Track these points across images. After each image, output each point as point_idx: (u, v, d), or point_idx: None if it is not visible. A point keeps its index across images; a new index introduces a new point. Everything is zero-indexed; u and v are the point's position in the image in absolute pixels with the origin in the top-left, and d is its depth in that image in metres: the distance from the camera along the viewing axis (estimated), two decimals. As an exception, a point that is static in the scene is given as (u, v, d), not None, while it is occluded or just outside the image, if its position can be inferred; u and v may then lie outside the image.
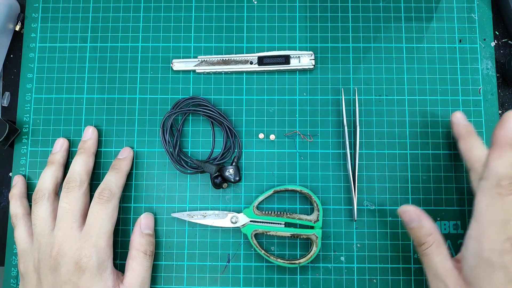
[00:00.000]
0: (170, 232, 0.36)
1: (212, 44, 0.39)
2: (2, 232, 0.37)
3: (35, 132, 0.38)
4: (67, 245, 0.31)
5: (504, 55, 0.38)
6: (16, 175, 0.37)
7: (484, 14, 0.39)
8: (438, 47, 0.38)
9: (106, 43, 0.39)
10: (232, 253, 0.36)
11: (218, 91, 0.38)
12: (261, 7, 0.39)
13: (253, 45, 0.39)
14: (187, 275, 0.36)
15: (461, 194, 0.36)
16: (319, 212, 0.35)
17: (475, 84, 0.38)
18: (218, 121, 0.37)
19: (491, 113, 0.37)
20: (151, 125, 0.38)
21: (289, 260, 0.34)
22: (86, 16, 0.39)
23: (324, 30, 0.39)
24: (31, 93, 0.38)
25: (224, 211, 0.36)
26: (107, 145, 0.37)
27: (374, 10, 0.39)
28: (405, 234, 0.36)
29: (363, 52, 0.38)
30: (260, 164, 0.37)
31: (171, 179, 0.37)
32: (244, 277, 0.35)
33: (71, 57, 0.39)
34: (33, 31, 0.39)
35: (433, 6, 0.39)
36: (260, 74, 0.38)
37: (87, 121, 0.38)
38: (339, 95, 0.37)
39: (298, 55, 0.38)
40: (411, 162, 0.36)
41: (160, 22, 0.39)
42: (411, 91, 0.38)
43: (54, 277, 0.31)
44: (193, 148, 0.37)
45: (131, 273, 0.33)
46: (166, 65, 0.39)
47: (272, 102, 0.38)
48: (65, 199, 0.33)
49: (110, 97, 0.38)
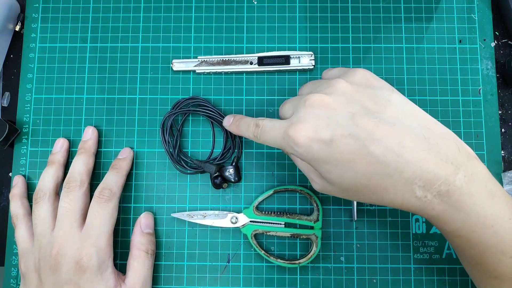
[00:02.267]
0: (170, 232, 0.36)
1: (212, 44, 0.39)
2: (2, 232, 0.37)
3: (35, 132, 0.38)
4: (68, 245, 0.31)
5: (504, 56, 0.38)
6: (16, 175, 0.37)
7: (484, 14, 0.39)
8: (438, 48, 0.38)
9: (106, 43, 0.39)
10: (232, 253, 0.36)
11: (218, 91, 0.38)
12: (261, 7, 0.39)
13: (253, 45, 0.39)
14: (187, 275, 0.36)
15: (461, 194, 0.36)
16: (319, 212, 0.35)
17: (475, 84, 0.38)
18: (218, 121, 0.37)
19: (491, 113, 0.37)
20: (151, 125, 0.38)
21: (289, 260, 0.34)
22: (86, 16, 0.39)
23: (324, 31, 0.39)
24: (31, 93, 0.38)
25: (224, 211, 0.36)
26: (107, 145, 0.37)
27: (374, 11, 0.39)
28: (404, 234, 0.36)
29: (363, 53, 0.38)
30: (260, 164, 0.37)
31: (171, 179, 0.37)
32: (244, 277, 0.35)
33: (71, 57, 0.39)
34: (33, 31, 0.39)
35: (433, 6, 0.39)
36: (260, 74, 0.38)
37: (87, 121, 0.38)
38: (339, 95, 0.37)
39: (298, 55, 0.38)
40: (411, 162, 0.36)
41: (160, 23, 0.39)
42: (411, 91, 0.38)
43: (54, 277, 0.31)
44: (193, 148, 0.37)
45: (133, 272, 0.33)
46: (166, 65, 0.39)
47: (272, 102, 0.38)
48: (65, 199, 0.33)
49: (110, 97, 0.38)
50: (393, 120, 0.25)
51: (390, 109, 0.25)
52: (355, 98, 0.26)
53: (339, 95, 0.26)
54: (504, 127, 0.38)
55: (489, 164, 0.36)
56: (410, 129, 0.25)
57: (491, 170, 0.36)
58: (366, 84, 0.27)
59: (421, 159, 0.24)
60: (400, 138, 0.24)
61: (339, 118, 0.25)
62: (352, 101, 0.26)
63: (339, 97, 0.26)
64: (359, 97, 0.26)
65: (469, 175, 0.24)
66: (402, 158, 0.24)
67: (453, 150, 0.25)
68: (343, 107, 0.26)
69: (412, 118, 0.26)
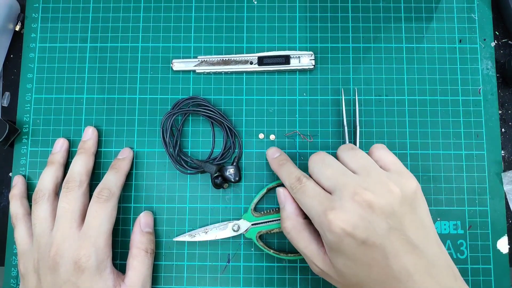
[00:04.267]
0: (170, 232, 0.36)
1: (212, 44, 0.39)
2: (2, 232, 0.37)
3: (35, 132, 0.38)
4: (66, 245, 0.31)
5: (504, 55, 0.38)
6: (16, 176, 0.37)
7: (484, 14, 0.39)
8: (438, 47, 0.38)
9: (106, 43, 0.39)
10: (232, 253, 0.36)
11: (218, 91, 0.38)
12: (261, 7, 0.39)
13: (253, 45, 0.39)
14: (187, 275, 0.36)
15: (461, 194, 0.36)
16: None
17: (475, 84, 0.38)
18: (218, 121, 0.37)
19: (491, 113, 0.37)
20: (151, 125, 0.38)
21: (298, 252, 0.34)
22: (86, 16, 0.39)
23: (324, 30, 0.39)
24: (31, 93, 0.38)
25: (224, 222, 0.36)
26: (107, 145, 0.37)
27: (374, 10, 0.39)
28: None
29: (363, 52, 0.38)
30: (260, 164, 0.37)
31: (171, 179, 0.37)
32: (244, 277, 0.35)
33: (71, 57, 0.39)
34: (33, 31, 0.39)
35: (433, 6, 0.39)
36: (260, 74, 0.38)
37: (87, 121, 0.38)
38: (339, 95, 0.37)
39: (298, 55, 0.38)
40: (411, 162, 0.36)
41: (160, 22, 0.39)
42: (411, 91, 0.38)
43: (53, 277, 0.31)
44: (193, 148, 0.37)
45: (133, 271, 0.33)
46: (166, 65, 0.39)
47: (272, 102, 0.38)
48: (64, 199, 0.33)
49: (110, 97, 0.38)
50: (415, 241, 0.27)
51: (418, 231, 0.27)
52: (398, 211, 0.27)
53: (387, 204, 0.27)
54: (504, 127, 0.38)
55: (489, 164, 0.36)
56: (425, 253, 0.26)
57: (491, 170, 0.36)
58: (413, 199, 0.28)
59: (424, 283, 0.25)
60: (416, 260, 0.26)
61: (378, 226, 0.26)
62: (395, 214, 0.27)
63: (387, 206, 0.27)
64: (402, 211, 0.27)
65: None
66: (412, 278, 0.25)
67: (452, 280, 0.27)
68: (385, 216, 0.27)
69: (431, 244, 0.27)
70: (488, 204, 0.36)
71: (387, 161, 0.30)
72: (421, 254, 0.26)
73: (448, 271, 0.27)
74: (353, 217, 0.26)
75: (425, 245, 0.27)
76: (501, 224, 0.36)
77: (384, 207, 0.27)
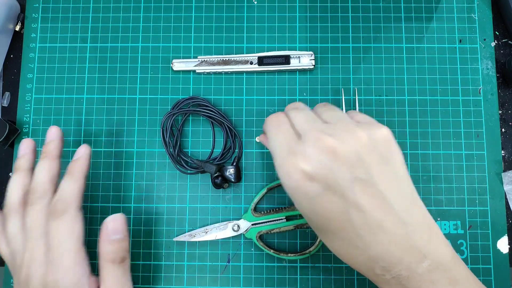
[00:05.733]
0: (170, 232, 0.36)
1: (212, 44, 0.39)
2: (2, 232, 0.37)
3: (35, 132, 0.38)
4: (33, 268, 0.28)
5: (504, 55, 0.38)
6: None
7: (484, 14, 0.39)
8: (438, 47, 0.38)
9: (106, 43, 0.39)
10: (232, 253, 0.36)
11: (218, 91, 0.38)
12: (261, 7, 0.39)
13: (253, 45, 0.39)
14: (187, 275, 0.36)
15: (461, 194, 0.36)
16: None
17: (475, 84, 0.38)
18: (218, 121, 0.37)
19: (491, 113, 0.37)
20: (151, 125, 0.38)
21: (300, 252, 0.34)
22: (86, 16, 0.39)
23: (324, 30, 0.39)
24: (31, 93, 0.38)
25: (224, 221, 0.36)
26: (107, 145, 0.37)
27: (374, 10, 0.39)
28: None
29: (363, 52, 0.38)
30: (260, 164, 0.37)
31: (171, 179, 0.37)
32: (244, 277, 0.35)
33: (71, 57, 0.39)
34: (33, 31, 0.39)
35: (433, 6, 0.39)
36: (260, 74, 0.38)
37: (87, 121, 0.38)
38: (339, 95, 0.37)
39: (298, 55, 0.38)
40: (411, 162, 0.36)
41: (160, 22, 0.39)
42: (411, 91, 0.38)
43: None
44: (193, 148, 0.37)
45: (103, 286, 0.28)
46: (166, 65, 0.39)
47: (272, 102, 0.38)
48: (27, 215, 0.29)
49: (110, 97, 0.38)
50: (386, 193, 0.24)
51: (390, 184, 0.25)
52: (365, 160, 0.24)
53: (352, 151, 0.24)
54: (504, 127, 0.38)
55: (489, 164, 0.36)
56: (395, 209, 0.24)
57: (491, 170, 0.36)
58: (384, 148, 0.25)
59: (391, 242, 0.23)
60: (382, 217, 0.24)
61: (340, 175, 0.24)
62: (360, 163, 0.24)
63: (351, 154, 0.24)
64: (369, 160, 0.24)
65: (435, 263, 0.24)
66: (375, 236, 0.23)
67: (426, 239, 0.24)
68: (350, 165, 0.24)
69: (403, 199, 0.25)
70: (488, 204, 0.36)
71: (360, 117, 0.28)
72: (390, 210, 0.24)
73: (422, 229, 0.24)
74: (313, 164, 0.24)
75: (397, 200, 0.24)
76: (501, 224, 0.36)
77: (348, 155, 0.24)
